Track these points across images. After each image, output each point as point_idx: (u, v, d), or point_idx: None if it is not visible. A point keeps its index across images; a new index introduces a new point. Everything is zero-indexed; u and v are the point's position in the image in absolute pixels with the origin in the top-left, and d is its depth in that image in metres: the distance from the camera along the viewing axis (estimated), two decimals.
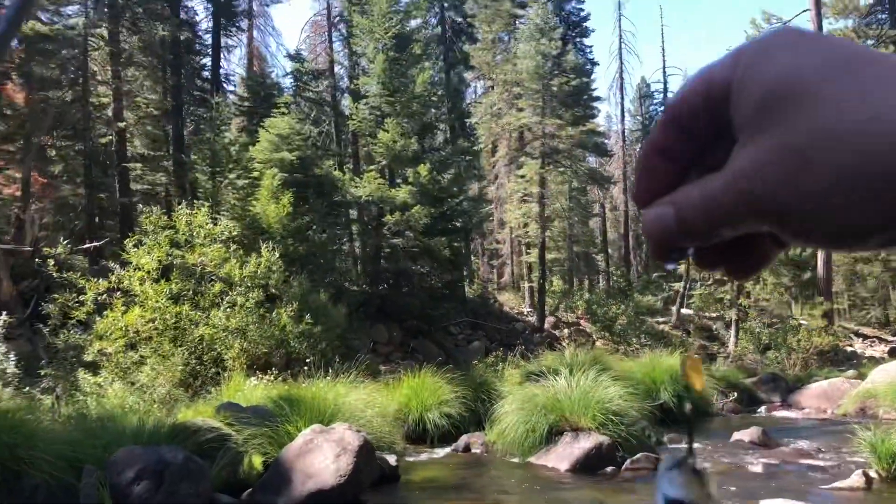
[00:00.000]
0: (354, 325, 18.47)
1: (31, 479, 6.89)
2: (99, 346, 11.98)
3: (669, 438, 11.98)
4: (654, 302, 30.58)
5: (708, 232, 0.43)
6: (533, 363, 15.62)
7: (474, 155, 28.17)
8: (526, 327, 26.13)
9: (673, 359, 15.44)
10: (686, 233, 0.44)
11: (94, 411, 9.57)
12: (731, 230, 0.43)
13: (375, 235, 22.62)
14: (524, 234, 29.36)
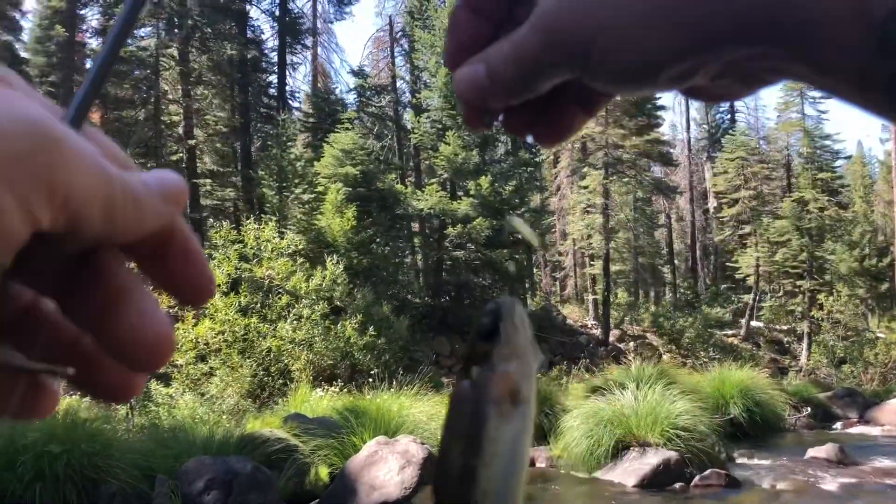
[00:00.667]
0: (417, 337, 18.55)
1: (108, 486, 7.13)
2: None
3: (740, 454, 11.66)
4: (722, 314, 29.86)
5: (520, 84, 0.43)
6: (598, 377, 15.42)
7: (536, 166, 28.01)
8: (590, 340, 25.81)
9: (743, 373, 15.04)
10: (498, 88, 0.43)
11: (165, 422, 9.84)
12: (543, 80, 0.43)
13: (437, 248, 22.71)
14: (588, 246, 29.05)
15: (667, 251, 38.25)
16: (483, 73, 0.43)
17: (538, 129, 0.48)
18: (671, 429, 10.04)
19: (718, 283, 37.15)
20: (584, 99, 0.48)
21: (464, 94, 0.44)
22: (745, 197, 32.67)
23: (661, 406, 10.51)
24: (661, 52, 0.40)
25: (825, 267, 28.44)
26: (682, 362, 22.29)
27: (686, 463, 9.70)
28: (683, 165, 41.72)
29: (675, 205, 41.02)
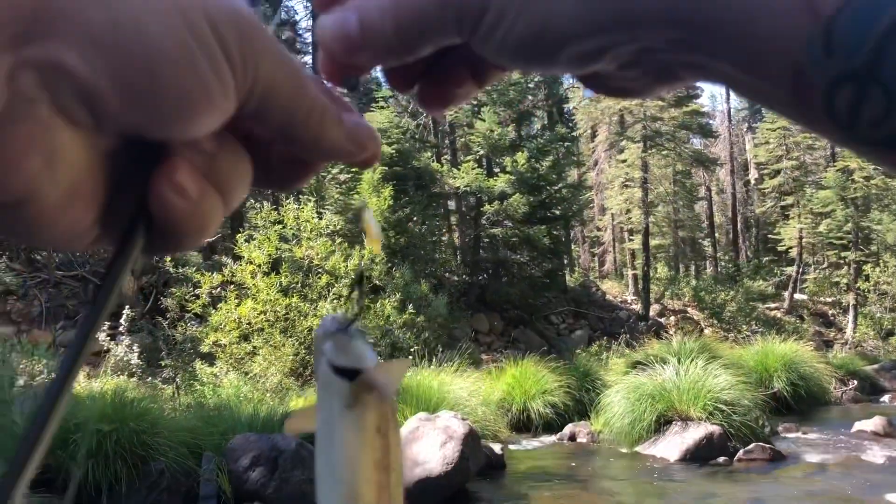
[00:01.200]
0: (455, 314, 18.60)
1: (157, 463, 7.30)
2: (214, 337, 12.52)
3: (785, 428, 11.54)
4: (765, 287, 29.43)
5: (397, 45, 0.38)
6: (638, 352, 15.32)
7: (573, 141, 27.79)
8: (630, 315, 25.64)
9: (787, 346, 14.83)
10: (370, 46, 0.38)
11: (211, 400, 10.03)
12: (424, 43, 0.38)
13: (474, 226, 22.68)
14: (626, 221, 28.78)
15: (707, 224, 37.71)
16: (354, 26, 0.38)
17: (422, 90, 0.44)
18: (714, 403, 9.97)
19: (760, 256, 36.60)
20: (475, 66, 0.43)
21: (328, 45, 0.39)
22: (788, 167, 32.02)
23: (703, 380, 10.43)
24: (570, 24, 0.36)
25: (871, 237, 27.82)
26: (723, 336, 22.06)
27: (729, 437, 9.63)
28: (723, 137, 40.97)
29: (715, 177, 40.37)
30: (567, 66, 0.38)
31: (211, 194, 0.35)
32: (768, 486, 8.51)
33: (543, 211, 22.85)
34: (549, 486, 8.52)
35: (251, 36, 0.32)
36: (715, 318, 25.39)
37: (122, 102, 0.30)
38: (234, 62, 0.31)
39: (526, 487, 8.45)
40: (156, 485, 7.22)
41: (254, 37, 0.32)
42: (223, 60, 0.31)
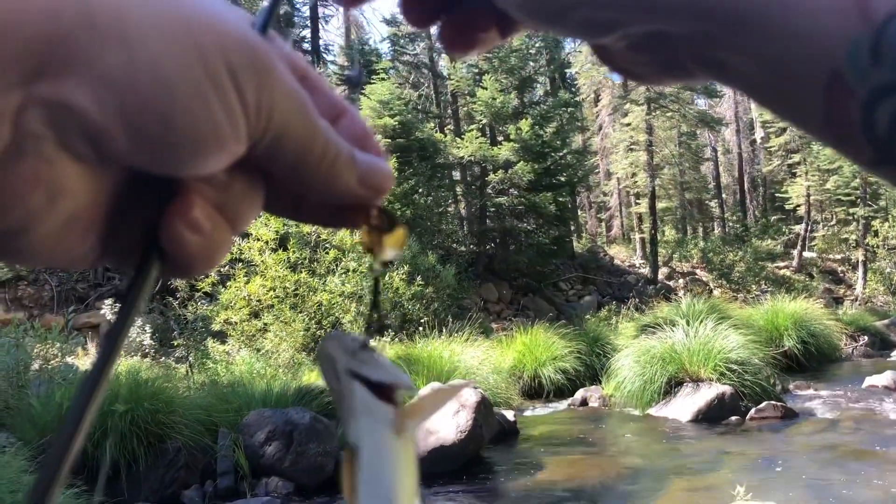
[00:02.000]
0: (464, 284, 18.63)
1: (174, 442, 7.38)
2: (224, 315, 12.59)
3: (795, 386, 11.57)
4: (773, 246, 29.33)
5: None
6: (648, 315, 15.35)
7: (576, 106, 27.55)
8: (639, 279, 25.63)
9: (796, 304, 14.81)
10: None
11: (224, 377, 10.11)
12: None
13: (480, 195, 22.62)
14: (632, 185, 28.64)
15: (714, 185, 37.53)
16: None
17: (445, 29, 0.44)
18: (724, 363, 9.99)
19: (768, 215, 36.43)
20: (501, 14, 0.42)
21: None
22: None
23: (713, 341, 10.44)
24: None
25: (879, 192, 27.62)
26: (733, 297, 22.05)
27: (741, 396, 9.66)
28: (728, 96, 40.59)
29: (721, 137, 40.08)
30: (575, 31, 0.37)
31: (222, 226, 0.35)
32: (781, 443, 8.55)
33: (549, 178, 22.75)
34: (563, 451, 8.58)
35: (268, 81, 0.32)
36: (724, 279, 25.36)
37: (131, 144, 0.30)
38: (248, 108, 0.31)
39: (539, 453, 8.52)
40: (173, 462, 7.31)
41: (271, 82, 0.32)
42: (238, 106, 0.31)
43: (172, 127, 0.30)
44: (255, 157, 0.34)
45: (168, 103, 0.29)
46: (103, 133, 0.29)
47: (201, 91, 0.30)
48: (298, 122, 0.34)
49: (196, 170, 0.32)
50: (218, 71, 0.30)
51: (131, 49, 0.29)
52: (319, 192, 0.37)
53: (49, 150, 0.29)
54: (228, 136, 0.31)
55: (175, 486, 7.20)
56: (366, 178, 0.37)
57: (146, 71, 0.29)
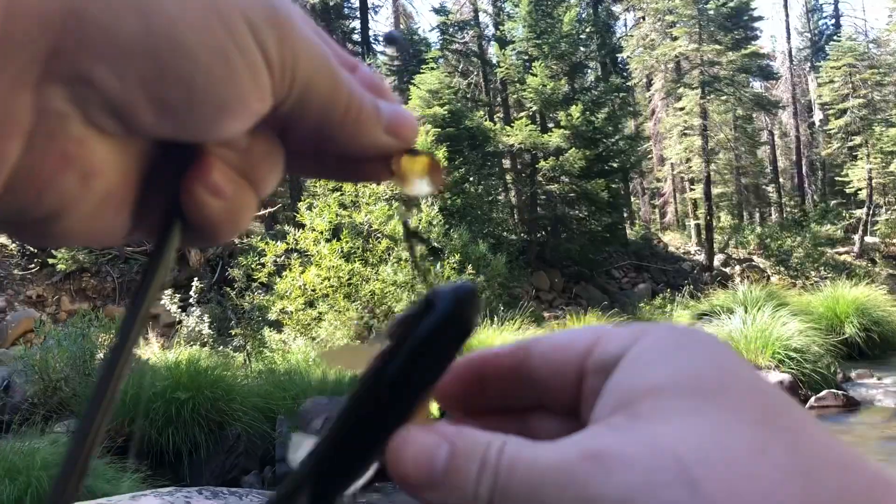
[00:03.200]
0: (515, 273, 18.60)
1: (233, 428, 7.56)
2: (280, 305, 12.81)
3: (857, 374, 11.28)
4: (833, 231, 28.56)
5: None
6: (703, 303, 15.12)
7: (628, 91, 27.21)
8: (694, 267, 25.24)
9: (858, 290, 14.41)
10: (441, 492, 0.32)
11: (281, 366, 10.30)
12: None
13: (530, 183, 22.52)
14: (687, 170, 28.17)
15: (771, 170, 36.66)
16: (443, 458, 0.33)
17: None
18: (783, 351, 9.79)
19: (827, 200, 35.47)
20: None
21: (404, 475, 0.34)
22: (854, 106, 30.79)
23: (771, 328, 10.23)
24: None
25: None
26: (791, 284, 21.56)
27: (800, 384, 9.46)
28: (785, 78, 39.57)
29: (777, 120, 39.13)
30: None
31: (244, 189, 0.35)
32: (842, 433, 8.35)
33: (600, 164, 22.53)
34: None
35: (291, 36, 0.31)
36: (782, 266, 24.82)
37: (155, 114, 0.29)
38: (272, 65, 0.31)
39: None
40: (233, 449, 7.49)
41: (293, 37, 0.31)
42: (262, 64, 0.30)
43: (196, 91, 0.29)
44: (282, 116, 0.34)
45: (190, 67, 0.28)
46: (127, 105, 0.29)
47: (223, 51, 0.29)
48: (322, 75, 0.33)
49: (222, 133, 0.31)
50: (238, 28, 0.29)
51: (146, 15, 0.28)
52: (346, 146, 0.37)
53: (76, 128, 0.29)
54: (253, 95, 0.31)
55: (235, 472, 7.38)
56: (392, 126, 0.37)
57: (164, 36, 0.28)
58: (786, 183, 39.45)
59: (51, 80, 0.27)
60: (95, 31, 0.27)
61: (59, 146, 0.29)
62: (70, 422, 7.63)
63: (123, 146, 0.31)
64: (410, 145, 0.39)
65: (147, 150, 0.33)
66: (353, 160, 0.39)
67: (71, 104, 0.28)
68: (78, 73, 0.27)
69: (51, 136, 0.28)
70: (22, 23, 0.26)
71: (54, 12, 0.26)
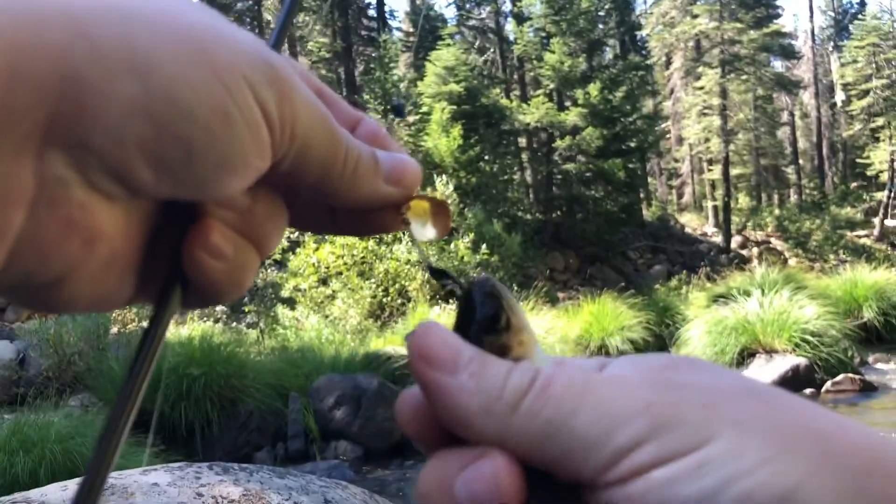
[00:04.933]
0: (530, 253, 18.52)
1: (246, 405, 7.58)
2: (294, 282, 12.82)
3: (875, 359, 11.16)
4: (853, 214, 28.29)
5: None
6: (720, 285, 14.97)
7: (647, 69, 26.87)
8: (711, 248, 25.06)
9: (877, 274, 14.22)
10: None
11: (294, 343, 10.32)
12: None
13: (546, 162, 22.36)
14: (705, 151, 27.90)
15: (791, 151, 36.24)
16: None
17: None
18: (800, 334, 9.68)
19: (848, 182, 35.09)
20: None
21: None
22: (878, 87, 30.32)
23: (788, 312, 10.12)
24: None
25: None
26: (809, 266, 21.36)
27: (816, 368, 9.36)
28: (807, 57, 38.99)
29: (798, 101, 38.62)
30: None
31: (246, 249, 0.35)
32: (858, 417, 8.26)
33: (618, 143, 22.31)
34: None
35: (290, 94, 0.31)
36: (800, 248, 24.61)
37: (154, 174, 0.29)
38: (272, 122, 0.31)
39: None
40: (245, 425, 7.51)
41: (291, 94, 0.31)
42: (262, 122, 0.30)
43: (196, 150, 0.29)
44: (282, 174, 0.33)
45: (189, 127, 0.28)
46: (126, 168, 0.28)
47: (223, 110, 0.29)
48: (320, 131, 0.33)
49: (223, 190, 0.31)
50: (238, 87, 0.29)
51: (144, 77, 0.27)
52: (348, 199, 0.36)
53: (78, 193, 0.28)
54: (253, 152, 0.31)
55: (248, 448, 7.40)
56: (392, 176, 0.37)
57: (162, 98, 0.28)
58: (805, 164, 39.01)
59: (50, 147, 0.27)
60: (93, 96, 0.27)
61: (63, 212, 0.28)
62: (84, 395, 7.68)
63: (126, 209, 0.31)
64: (413, 193, 0.39)
65: (150, 214, 0.33)
66: (362, 214, 0.39)
67: (71, 169, 0.28)
68: (77, 138, 0.27)
69: (53, 203, 0.28)
70: (22, 93, 0.26)
71: (52, 79, 0.26)
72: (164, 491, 2.21)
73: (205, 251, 0.33)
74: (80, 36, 0.27)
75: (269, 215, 0.35)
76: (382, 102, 20.49)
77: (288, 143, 0.32)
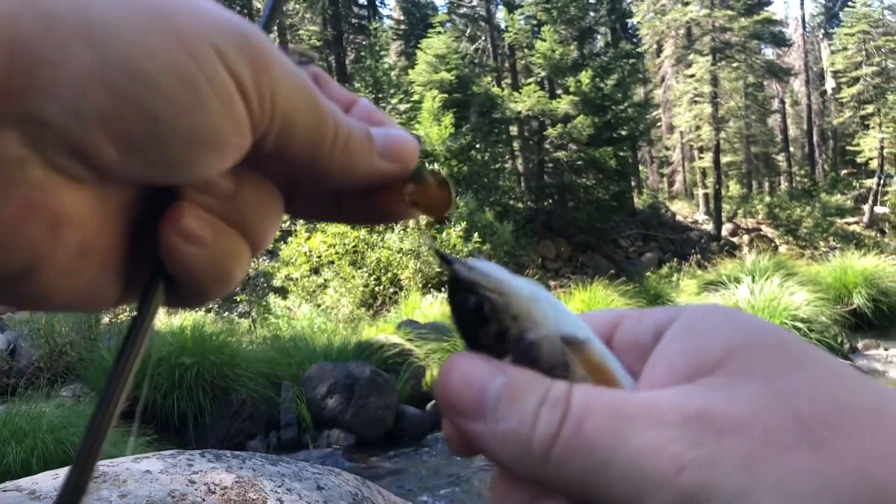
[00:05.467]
0: (521, 241, 18.54)
1: (238, 394, 7.57)
2: (286, 271, 12.79)
3: (864, 345, 11.24)
4: (843, 201, 28.41)
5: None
6: (711, 272, 15.03)
7: (638, 57, 26.83)
8: (701, 236, 25.13)
9: (867, 261, 14.30)
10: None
11: (286, 332, 10.30)
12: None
13: (538, 150, 22.34)
14: (696, 138, 27.93)
15: (781, 138, 36.33)
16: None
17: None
18: (790, 321, 9.75)
19: (838, 169, 35.21)
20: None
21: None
22: (868, 74, 30.39)
23: (778, 298, 10.19)
24: None
25: None
26: (799, 253, 21.44)
27: None
28: (798, 45, 39.02)
29: (789, 88, 38.68)
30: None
31: (230, 237, 0.32)
32: None
33: (609, 132, 22.30)
34: None
35: (265, 62, 0.28)
36: (790, 235, 24.71)
37: (119, 151, 0.26)
38: (247, 94, 0.28)
39: None
40: (238, 414, 7.50)
41: (268, 62, 0.28)
42: (235, 93, 0.28)
43: (162, 124, 0.26)
44: (266, 154, 0.31)
45: (151, 98, 0.26)
46: (87, 145, 0.26)
47: (189, 79, 0.26)
48: (304, 104, 0.30)
49: (199, 171, 0.28)
50: (204, 54, 0.27)
51: (101, 46, 0.25)
52: (342, 178, 0.34)
53: (37, 173, 0.26)
54: (229, 130, 0.28)
55: (240, 437, 7.40)
56: (387, 150, 0.35)
57: (120, 67, 0.25)
58: (796, 152, 39.12)
59: (3, 125, 0.25)
60: (45, 67, 0.25)
61: (21, 193, 0.26)
62: (75, 385, 7.66)
63: (100, 195, 0.29)
64: (410, 167, 0.36)
65: (130, 202, 0.30)
66: (367, 198, 0.37)
67: (27, 148, 0.26)
68: (30, 113, 0.25)
69: (9, 184, 0.26)
70: None
71: (1, 53, 0.24)
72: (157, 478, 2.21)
73: (179, 235, 0.30)
74: (27, 3, 0.25)
75: (256, 201, 0.33)
76: (373, 91, 20.42)
77: (268, 117, 0.29)
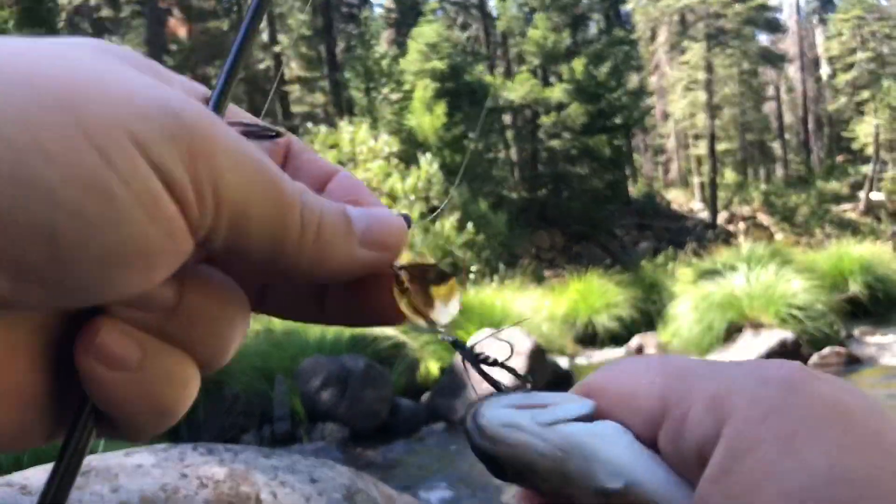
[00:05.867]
0: (516, 232, 18.46)
1: (232, 388, 7.51)
2: None
3: (861, 332, 11.20)
4: (839, 188, 28.35)
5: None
6: (706, 260, 14.97)
7: (632, 44, 26.68)
8: (697, 224, 25.09)
9: (863, 248, 14.27)
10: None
11: (278, 325, 10.22)
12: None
13: (531, 139, 22.24)
14: (691, 126, 27.84)
15: (776, 125, 36.26)
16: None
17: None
18: (786, 308, 9.70)
19: (834, 156, 35.16)
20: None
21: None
22: (863, 60, 30.31)
23: (774, 286, 10.14)
24: None
25: None
26: (795, 241, 21.43)
27: (803, 342, 9.39)
28: (792, 31, 38.91)
29: (784, 75, 38.57)
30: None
31: (168, 357, 0.27)
32: None
33: (603, 120, 22.20)
34: None
35: (204, 147, 0.23)
36: (786, 223, 24.69)
37: (14, 282, 0.21)
38: (179, 191, 0.23)
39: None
40: (231, 408, 7.44)
41: (208, 147, 0.23)
42: (163, 193, 0.22)
43: (64, 244, 0.21)
44: (218, 256, 0.26)
45: (47, 213, 0.20)
46: None
47: (97, 183, 0.21)
48: (259, 192, 0.25)
49: (123, 291, 0.23)
50: (118, 149, 0.21)
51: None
52: (314, 275, 0.28)
53: None
54: (157, 236, 0.22)
55: (234, 431, 7.34)
56: (369, 235, 0.29)
57: (6, 177, 0.20)
58: (791, 139, 39.05)
59: None
60: None
61: None
62: None
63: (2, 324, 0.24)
64: (397, 255, 0.31)
65: (47, 326, 0.25)
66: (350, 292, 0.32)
67: None
68: None
69: None
70: None
71: None
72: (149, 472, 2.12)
73: (94, 357, 0.25)
74: None
75: (206, 308, 0.27)
76: (365, 80, 20.28)
77: (211, 214, 0.24)
